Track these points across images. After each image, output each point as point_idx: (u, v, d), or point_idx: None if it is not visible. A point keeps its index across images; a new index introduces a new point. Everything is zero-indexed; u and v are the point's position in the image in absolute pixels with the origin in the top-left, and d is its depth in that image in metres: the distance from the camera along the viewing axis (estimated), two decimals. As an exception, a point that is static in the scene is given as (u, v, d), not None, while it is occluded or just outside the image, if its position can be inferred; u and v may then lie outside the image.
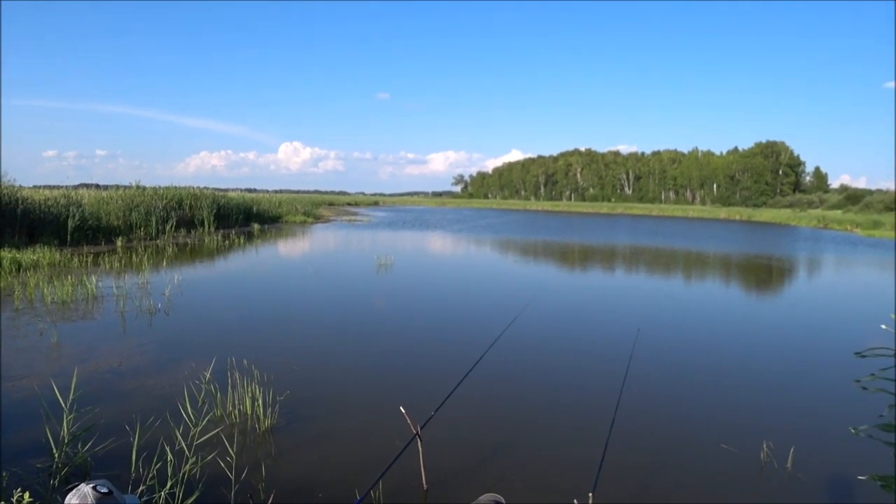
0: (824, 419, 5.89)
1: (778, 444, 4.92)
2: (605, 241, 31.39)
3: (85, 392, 5.63)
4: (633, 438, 5.12)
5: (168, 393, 5.83)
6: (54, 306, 9.97)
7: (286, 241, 26.89)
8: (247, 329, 9.08)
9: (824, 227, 51.94)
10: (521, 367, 7.38)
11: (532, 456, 4.84)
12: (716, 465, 4.75)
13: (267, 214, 37.66)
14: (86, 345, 7.73)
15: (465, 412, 5.60)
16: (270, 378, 6.03)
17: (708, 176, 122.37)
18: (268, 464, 4.47)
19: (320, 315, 10.38)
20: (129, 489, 3.80)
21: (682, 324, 10.48)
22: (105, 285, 11.83)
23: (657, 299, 13.31)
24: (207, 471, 4.11)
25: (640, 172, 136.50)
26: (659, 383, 6.81)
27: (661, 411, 5.97)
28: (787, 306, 13.25)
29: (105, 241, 20.80)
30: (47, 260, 14.95)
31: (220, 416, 5.32)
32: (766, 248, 29.22)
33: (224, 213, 30.67)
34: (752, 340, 9.33)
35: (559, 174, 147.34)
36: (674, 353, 8.27)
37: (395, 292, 12.98)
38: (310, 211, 46.67)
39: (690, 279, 17.14)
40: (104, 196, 23.80)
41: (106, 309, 9.93)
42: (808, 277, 19.04)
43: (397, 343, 8.53)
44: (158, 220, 24.14)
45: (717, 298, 13.82)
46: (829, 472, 4.68)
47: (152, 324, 9.04)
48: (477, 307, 11.71)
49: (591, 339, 9.16)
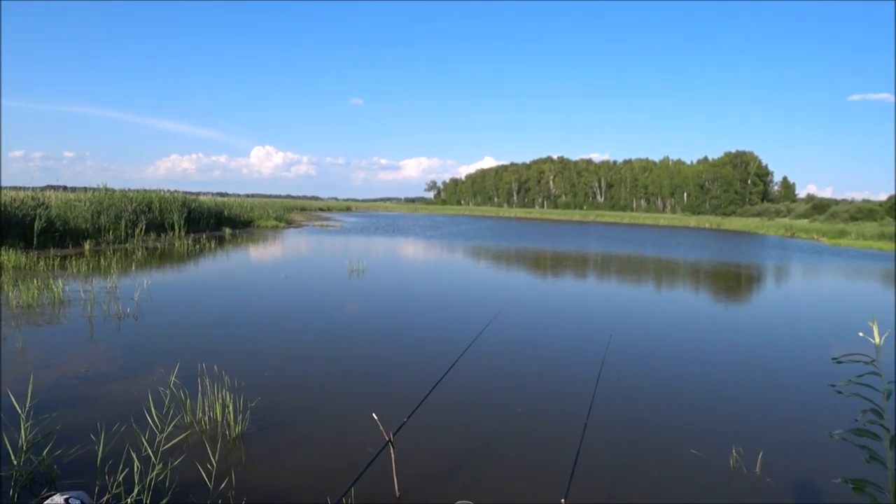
0: (793, 425, 6.00)
1: (747, 450, 5.00)
2: (577, 248, 31.63)
3: (50, 398, 5.52)
4: (605, 444, 5.17)
5: (136, 399, 5.74)
6: (19, 310, 9.74)
7: (258, 245, 26.64)
8: (217, 334, 8.97)
9: (792, 236, 53.04)
10: (494, 373, 7.40)
11: (504, 462, 4.85)
12: (686, 470, 4.82)
13: (238, 219, 37.25)
14: (52, 350, 7.56)
15: (438, 418, 5.59)
16: (241, 384, 5.97)
17: (678, 184, 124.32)
18: (238, 471, 4.41)
19: (292, 321, 10.29)
20: (96, 497, 3.73)
21: (653, 330, 10.60)
22: (72, 289, 11.59)
23: (629, 306, 13.45)
24: (177, 478, 4.06)
25: (611, 180, 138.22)
26: (631, 389, 6.87)
27: (633, 417, 6.03)
28: (755, 313, 13.49)
29: (72, 244, 20.38)
30: (12, 263, 14.59)
31: (189, 423, 5.24)
32: (735, 255, 29.72)
33: (195, 216, 30.26)
34: (722, 347, 9.48)
35: (532, 181, 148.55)
36: (645, 360, 8.37)
37: (367, 298, 12.92)
38: (282, 216, 46.27)
39: (661, 286, 17.36)
40: (72, 198, 23.33)
41: (73, 313, 9.73)
42: (776, 285, 19.42)
43: (370, 349, 8.49)
44: (127, 224, 23.70)
45: (688, 305, 14.01)
46: (797, 476, 4.76)
47: (120, 329, 8.89)
48: (450, 313, 11.71)
49: (564, 346, 9.22)
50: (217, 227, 32.78)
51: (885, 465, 2.72)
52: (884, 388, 2.76)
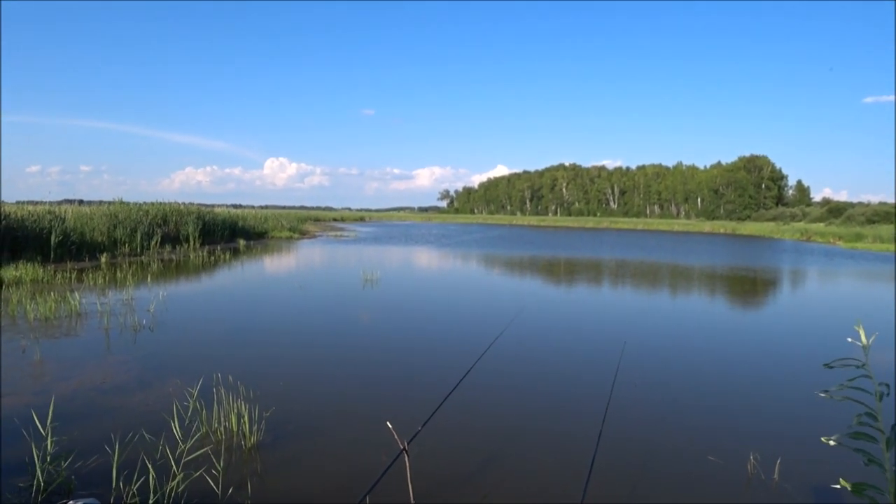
0: (811, 430, 5.92)
1: (764, 456, 4.94)
2: (591, 255, 31.52)
3: (68, 410, 5.58)
4: (620, 451, 5.13)
5: (153, 410, 5.78)
6: (37, 323, 9.85)
7: (272, 256, 26.77)
8: (232, 345, 9.01)
9: (807, 240, 52.58)
10: (508, 381, 7.38)
11: (519, 470, 4.83)
12: (703, 477, 4.77)
13: (253, 230, 37.47)
14: (69, 362, 7.63)
15: (453, 427, 5.58)
16: (256, 394, 5.99)
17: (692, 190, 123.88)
18: (254, 481, 4.43)
19: (306, 330, 10.32)
20: (113, 508, 3.75)
21: (668, 337, 10.53)
22: (89, 302, 11.71)
23: (643, 313, 13.37)
24: (193, 488, 4.08)
25: (625, 187, 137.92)
26: (646, 396, 6.82)
27: (649, 424, 5.98)
28: (772, 318, 13.36)
29: (89, 257, 20.59)
30: (30, 276, 14.77)
31: (205, 433, 5.27)
32: (750, 260, 29.47)
33: (209, 228, 30.48)
34: (737, 352, 9.39)
35: (545, 189, 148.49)
36: (660, 366, 8.31)
37: (381, 307, 12.95)
38: (295, 226, 46.50)
39: (676, 292, 17.24)
40: (88, 212, 23.62)
41: (90, 325, 9.83)
42: (792, 289, 19.22)
43: (384, 358, 8.50)
44: (143, 236, 23.95)
45: (703, 311, 13.91)
46: (816, 482, 4.70)
47: (137, 340, 8.96)
48: (464, 321, 11.70)
49: (578, 353, 9.18)
50: (231, 238, 32.99)
51: (884, 468, 2.71)
52: (874, 389, 2.75)
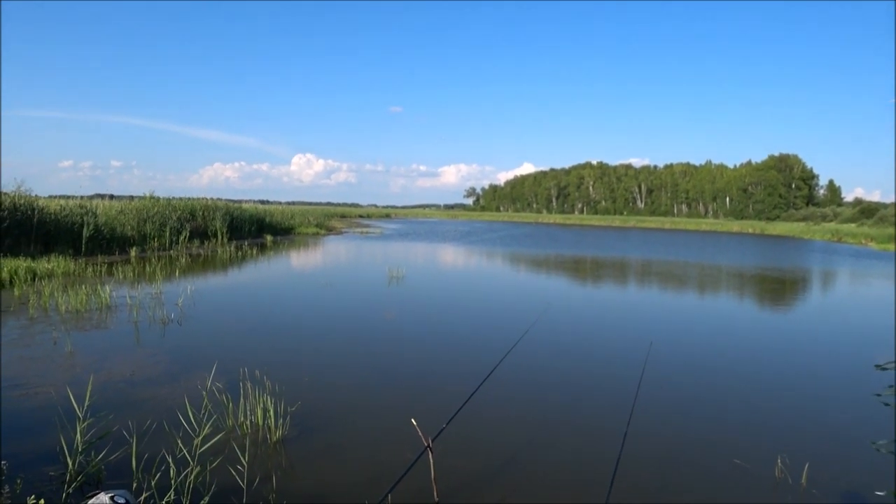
0: (840, 435, 5.81)
1: (792, 460, 4.86)
2: (618, 254, 31.26)
3: (98, 401, 5.67)
4: (645, 452, 5.08)
5: (180, 403, 5.84)
6: (68, 315, 10.05)
7: (298, 252, 26.99)
8: (259, 340, 9.10)
9: (838, 241, 51.57)
10: (533, 379, 7.35)
11: (543, 469, 4.81)
12: (729, 480, 4.70)
13: (280, 226, 37.83)
14: (99, 354, 7.77)
15: (477, 424, 5.58)
16: (282, 389, 6.03)
17: (720, 189, 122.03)
18: (278, 475, 4.47)
19: (332, 326, 10.38)
20: (142, 498, 3.81)
21: (694, 337, 10.41)
22: (118, 295, 11.91)
23: (670, 313, 13.23)
24: (219, 481, 4.12)
25: (652, 185, 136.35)
26: (671, 397, 6.75)
27: (674, 426, 5.91)
28: (800, 320, 13.12)
29: (119, 251, 20.96)
30: (62, 269, 15.07)
31: (231, 426, 5.33)
32: (779, 261, 29.00)
33: (237, 224, 30.84)
34: (765, 354, 9.24)
35: (571, 187, 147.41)
36: (686, 368, 8.21)
37: (406, 304, 12.98)
38: (322, 223, 46.89)
39: (703, 293, 17.02)
40: (118, 206, 23.99)
41: (119, 318, 9.99)
42: (822, 291, 18.87)
43: (409, 355, 8.52)
44: (172, 231, 24.29)
45: (730, 312, 13.71)
46: (844, 488, 4.61)
47: (165, 334, 9.09)
48: (489, 319, 11.68)
49: (603, 352, 9.11)
50: (259, 234, 33.33)
51: None
52: None
